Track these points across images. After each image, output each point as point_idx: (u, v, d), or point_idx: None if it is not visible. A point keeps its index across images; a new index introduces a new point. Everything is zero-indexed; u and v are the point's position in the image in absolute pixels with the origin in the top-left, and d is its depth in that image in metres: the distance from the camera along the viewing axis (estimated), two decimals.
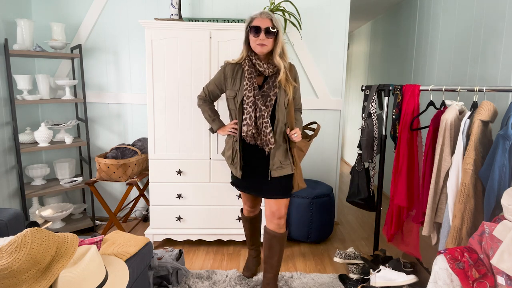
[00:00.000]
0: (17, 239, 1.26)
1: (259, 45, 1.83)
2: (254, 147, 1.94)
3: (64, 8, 3.00)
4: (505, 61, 2.15)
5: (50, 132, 2.79)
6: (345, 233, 3.13)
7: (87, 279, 1.32)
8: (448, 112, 1.86)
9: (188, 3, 2.98)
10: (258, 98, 1.85)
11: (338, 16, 3.01)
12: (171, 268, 2.11)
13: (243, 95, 1.87)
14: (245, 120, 1.87)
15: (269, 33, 1.82)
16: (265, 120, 1.85)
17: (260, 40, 1.82)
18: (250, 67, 1.89)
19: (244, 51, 1.92)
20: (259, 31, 1.81)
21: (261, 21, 1.82)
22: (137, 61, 3.09)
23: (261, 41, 1.82)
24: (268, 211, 2.03)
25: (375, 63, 4.76)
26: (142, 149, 2.90)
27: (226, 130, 2.03)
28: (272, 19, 1.83)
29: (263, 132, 1.86)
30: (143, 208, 3.34)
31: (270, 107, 1.87)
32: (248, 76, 1.87)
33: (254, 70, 1.89)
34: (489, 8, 2.33)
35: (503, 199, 1.46)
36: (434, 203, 1.93)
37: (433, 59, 3.08)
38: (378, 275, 2.10)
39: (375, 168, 2.41)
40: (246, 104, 1.86)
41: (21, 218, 1.89)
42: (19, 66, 2.88)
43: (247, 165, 2.00)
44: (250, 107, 1.85)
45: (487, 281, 1.38)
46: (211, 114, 2.11)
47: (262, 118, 1.85)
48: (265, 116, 1.85)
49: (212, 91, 2.08)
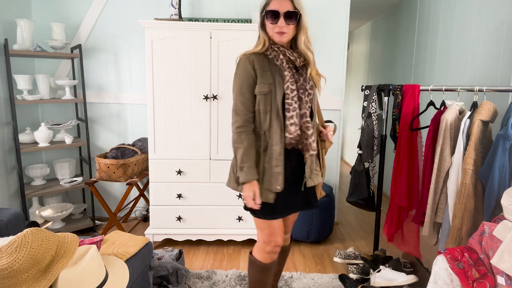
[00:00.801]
0: (17, 239, 1.26)
1: (278, 33, 1.50)
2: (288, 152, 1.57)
3: (64, 8, 3.00)
4: (505, 61, 2.15)
5: (50, 132, 2.79)
6: (345, 233, 3.13)
7: (87, 279, 1.32)
8: (448, 112, 1.86)
9: (188, 3, 2.98)
10: (302, 92, 1.53)
11: (338, 16, 3.01)
12: (171, 268, 2.11)
13: (285, 88, 1.51)
14: (291, 119, 1.51)
15: (290, 17, 1.48)
16: (307, 119, 1.54)
17: (279, 28, 1.49)
18: (284, 55, 1.53)
19: (265, 39, 1.55)
20: (277, 16, 1.48)
21: (279, 3, 1.48)
22: (137, 61, 3.09)
23: (280, 28, 1.49)
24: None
25: (375, 63, 4.76)
26: (142, 149, 2.90)
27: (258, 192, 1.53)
28: (292, 0, 1.50)
29: (304, 134, 1.55)
30: (143, 208, 3.34)
31: (310, 103, 1.57)
32: (287, 66, 1.53)
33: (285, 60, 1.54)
34: (489, 7, 2.33)
35: (503, 199, 1.46)
36: (434, 203, 1.93)
37: (433, 59, 3.08)
38: (378, 275, 2.10)
39: (375, 168, 2.41)
40: (291, 99, 1.51)
41: (21, 218, 1.89)
42: (19, 66, 2.88)
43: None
44: (296, 102, 1.51)
45: (487, 281, 1.38)
46: (254, 155, 1.54)
47: (304, 117, 1.54)
48: (307, 115, 1.54)
49: (249, 100, 1.54)
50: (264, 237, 1.64)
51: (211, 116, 2.58)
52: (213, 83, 2.54)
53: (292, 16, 1.49)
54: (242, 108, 1.53)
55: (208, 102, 2.56)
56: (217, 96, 2.54)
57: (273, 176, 1.53)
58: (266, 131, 1.54)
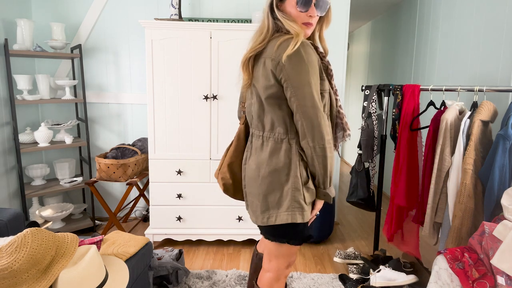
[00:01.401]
0: (17, 239, 1.26)
1: (306, 24, 1.27)
2: None
3: (64, 8, 3.00)
4: (505, 61, 2.15)
5: (50, 132, 2.79)
6: (345, 233, 3.13)
7: (87, 279, 1.32)
8: (448, 112, 1.86)
9: (188, 3, 2.98)
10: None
11: (338, 16, 3.01)
12: (171, 268, 2.11)
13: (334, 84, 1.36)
14: (345, 117, 1.36)
15: (321, 7, 1.26)
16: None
17: (310, 18, 1.26)
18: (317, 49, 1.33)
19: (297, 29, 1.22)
20: (309, 4, 1.23)
21: None
22: (137, 61, 3.09)
23: (311, 18, 1.26)
24: None
25: (375, 63, 4.76)
26: (142, 149, 2.90)
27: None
28: None
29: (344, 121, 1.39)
30: (143, 208, 3.34)
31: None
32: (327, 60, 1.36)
33: None
34: (489, 7, 2.33)
35: (503, 199, 1.46)
36: (434, 203, 1.93)
37: (433, 59, 3.08)
38: (378, 275, 2.10)
39: (375, 168, 2.41)
40: (337, 96, 1.37)
41: (21, 218, 1.89)
42: (19, 66, 2.88)
43: None
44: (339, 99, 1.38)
45: (487, 281, 1.38)
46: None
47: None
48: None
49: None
50: (287, 262, 1.38)
51: (211, 116, 2.58)
52: (213, 83, 2.54)
53: (323, 6, 1.26)
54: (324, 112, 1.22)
55: (208, 102, 2.56)
56: (217, 96, 2.54)
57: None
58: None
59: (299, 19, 1.25)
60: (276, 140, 1.27)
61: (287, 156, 1.24)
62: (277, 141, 1.27)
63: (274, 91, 1.23)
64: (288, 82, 1.19)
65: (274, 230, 1.28)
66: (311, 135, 1.18)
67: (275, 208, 1.25)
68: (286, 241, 1.29)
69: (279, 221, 1.23)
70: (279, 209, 1.24)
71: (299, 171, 1.23)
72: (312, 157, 1.20)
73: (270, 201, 1.26)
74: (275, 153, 1.26)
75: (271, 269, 1.39)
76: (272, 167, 1.25)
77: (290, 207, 1.22)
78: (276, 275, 1.39)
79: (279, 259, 1.36)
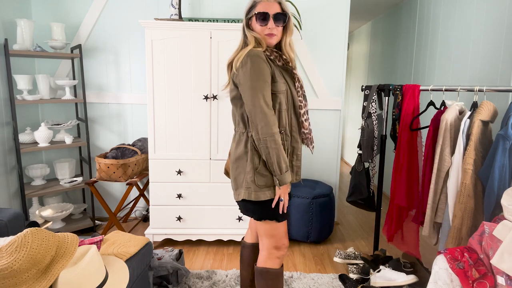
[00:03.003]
0: (17, 239, 1.26)
1: (268, 35, 1.51)
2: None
3: (64, 8, 3.00)
4: (505, 61, 2.15)
5: (50, 132, 2.79)
6: (345, 233, 3.13)
7: (87, 279, 1.32)
8: (448, 112, 1.86)
9: (188, 3, 2.98)
10: (304, 90, 1.61)
11: (338, 16, 3.01)
12: (171, 268, 2.11)
13: (296, 86, 1.59)
14: (305, 115, 1.59)
15: (279, 20, 1.50)
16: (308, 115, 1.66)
17: (269, 30, 1.50)
18: (280, 56, 1.57)
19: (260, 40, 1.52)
20: (266, 18, 1.49)
21: (268, 5, 1.49)
22: (137, 61, 3.09)
23: (271, 30, 1.50)
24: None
25: (375, 63, 4.76)
26: (142, 149, 2.90)
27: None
28: (281, 3, 1.52)
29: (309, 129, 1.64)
30: (143, 208, 3.34)
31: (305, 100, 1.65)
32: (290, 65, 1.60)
33: None
34: (489, 7, 2.33)
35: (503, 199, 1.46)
36: (434, 203, 1.93)
37: (433, 59, 3.08)
38: (378, 275, 2.10)
39: (375, 168, 2.41)
40: (301, 96, 1.58)
41: (21, 218, 1.89)
42: (19, 66, 2.88)
43: None
44: (304, 99, 1.59)
45: (487, 281, 1.38)
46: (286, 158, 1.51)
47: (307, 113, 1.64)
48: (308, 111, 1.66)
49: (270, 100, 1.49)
50: (274, 243, 1.60)
51: (211, 116, 2.58)
52: (213, 83, 2.54)
53: (280, 18, 1.51)
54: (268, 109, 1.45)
55: (208, 102, 2.56)
56: (217, 96, 2.54)
57: (293, 170, 1.61)
58: (286, 128, 1.55)
59: (262, 32, 1.52)
60: (240, 133, 1.57)
61: (245, 146, 1.53)
62: (241, 134, 1.56)
63: (235, 93, 1.53)
64: (240, 86, 1.48)
65: (244, 205, 1.56)
66: (255, 128, 1.44)
67: (240, 187, 1.54)
68: (256, 217, 1.56)
69: (241, 197, 1.53)
70: (241, 188, 1.53)
71: (253, 158, 1.51)
72: (259, 147, 1.46)
73: (238, 182, 1.56)
74: (239, 144, 1.56)
75: (263, 248, 1.64)
76: (237, 155, 1.55)
77: (245, 187, 1.51)
78: (269, 253, 1.62)
79: (267, 239, 1.60)
